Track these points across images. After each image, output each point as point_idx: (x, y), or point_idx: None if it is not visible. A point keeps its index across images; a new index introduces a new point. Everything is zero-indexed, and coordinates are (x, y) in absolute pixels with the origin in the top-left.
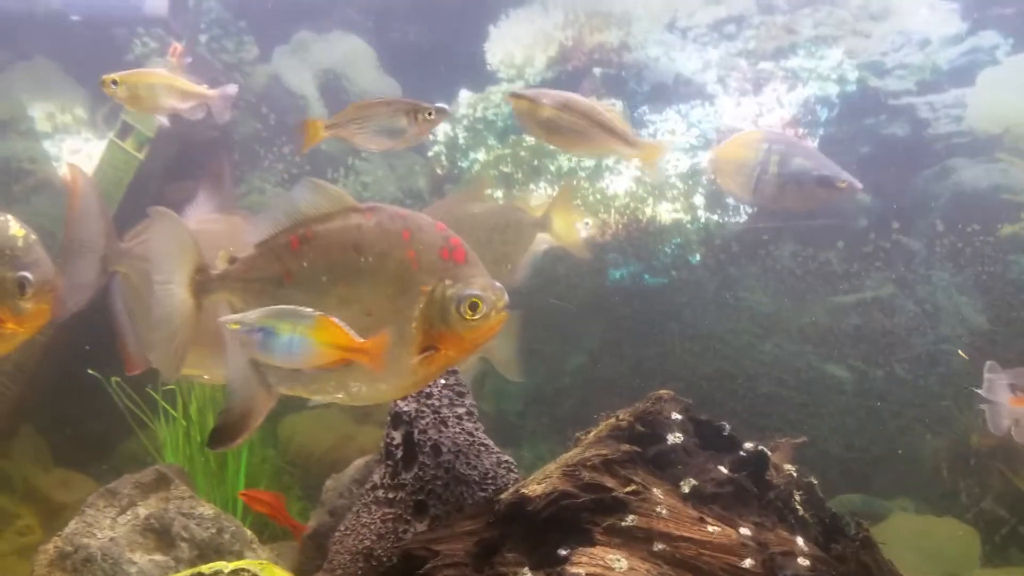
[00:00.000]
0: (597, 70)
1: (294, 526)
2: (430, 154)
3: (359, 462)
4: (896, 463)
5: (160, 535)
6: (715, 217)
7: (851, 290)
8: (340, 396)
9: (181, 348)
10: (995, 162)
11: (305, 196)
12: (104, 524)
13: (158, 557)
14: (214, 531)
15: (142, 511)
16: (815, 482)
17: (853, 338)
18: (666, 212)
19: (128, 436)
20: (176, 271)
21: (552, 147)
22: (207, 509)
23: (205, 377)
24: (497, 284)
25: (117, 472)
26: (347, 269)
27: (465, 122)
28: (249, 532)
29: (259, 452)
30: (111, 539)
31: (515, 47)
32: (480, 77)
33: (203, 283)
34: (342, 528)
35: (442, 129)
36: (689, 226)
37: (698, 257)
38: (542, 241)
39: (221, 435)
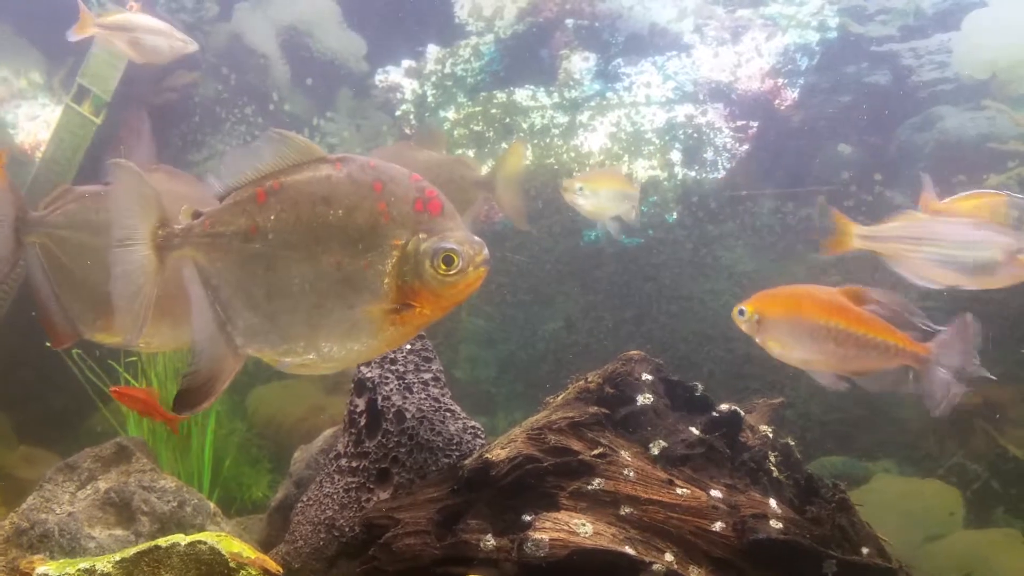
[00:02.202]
0: (569, 21)
1: (168, 419)
2: (398, 113)
3: (327, 432)
4: (878, 424)
5: (120, 509)
6: (692, 174)
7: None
8: (311, 357)
9: (144, 308)
10: (981, 110)
11: (271, 147)
12: (63, 499)
13: (118, 532)
14: (175, 504)
15: (102, 485)
16: (792, 443)
17: None
18: (642, 169)
19: (93, 411)
20: (138, 227)
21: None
22: (169, 482)
23: (141, 347)
24: (476, 238)
25: (82, 447)
26: (316, 222)
27: (434, 78)
28: (212, 505)
29: (226, 424)
30: (69, 514)
31: None
32: (448, 31)
33: (166, 239)
34: (305, 499)
35: (410, 87)
36: (666, 183)
37: (675, 215)
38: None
39: (186, 398)
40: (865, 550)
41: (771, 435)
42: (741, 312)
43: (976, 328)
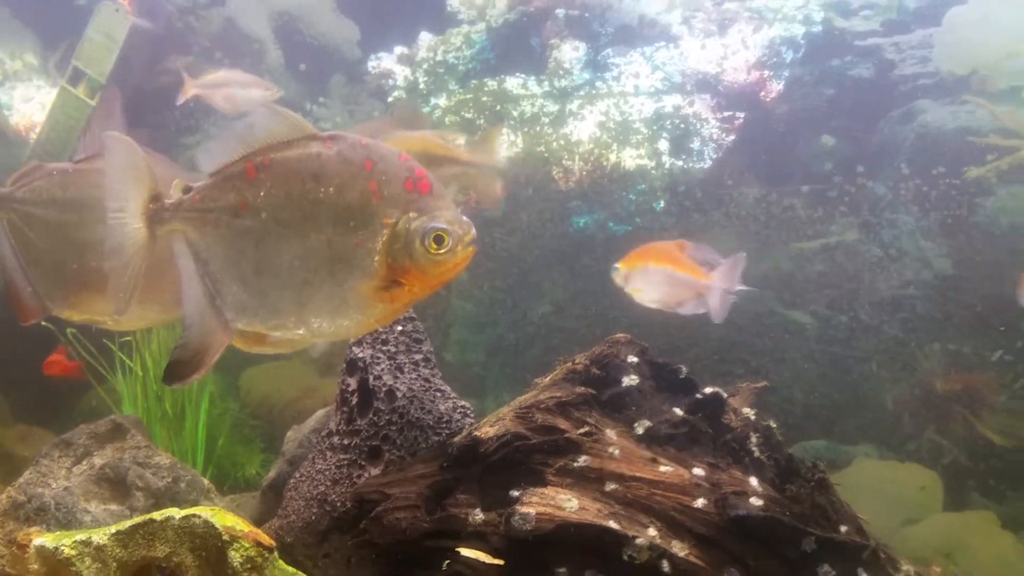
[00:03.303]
0: (560, 11)
1: (69, 369)
2: (390, 99)
3: (320, 412)
4: (859, 409)
5: (115, 484)
6: (679, 163)
7: (815, 235)
8: (301, 332)
9: (133, 280)
10: (961, 104)
11: (262, 123)
12: (59, 474)
13: (113, 506)
14: (170, 480)
15: (97, 461)
16: (773, 425)
17: (817, 284)
18: (630, 158)
19: (89, 389)
20: (130, 200)
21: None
22: (163, 458)
23: (109, 323)
24: (464, 218)
25: (77, 425)
26: (306, 199)
27: (426, 66)
28: (207, 481)
29: (220, 404)
30: (65, 488)
31: None
32: (441, 19)
33: (157, 212)
34: (297, 475)
35: (402, 73)
36: (653, 172)
37: (662, 204)
38: None
39: (176, 370)
40: (844, 528)
41: (753, 417)
42: (615, 268)
43: (743, 262)
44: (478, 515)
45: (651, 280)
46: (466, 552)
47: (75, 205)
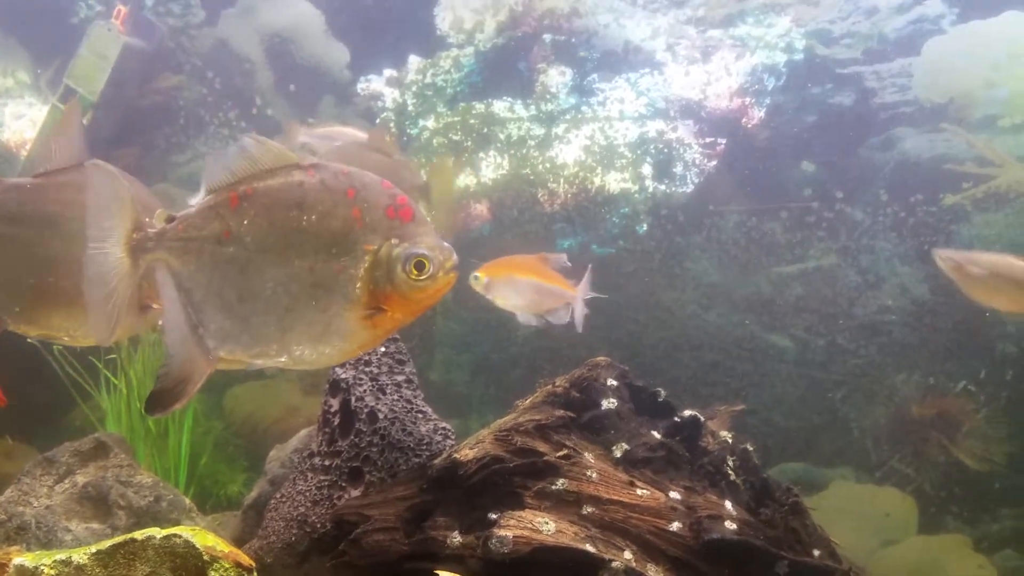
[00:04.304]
0: (547, 36)
1: None
2: (378, 121)
3: (302, 432)
4: (837, 432)
5: (97, 503)
6: (662, 187)
7: (794, 260)
8: (283, 360)
9: (117, 310)
10: (939, 132)
11: (245, 152)
12: (41, 492)
13: (95, 525)
14: (152, 499)
15: (80, 479)
16: (750, 448)
17: (796, 308)
18: (614, 182)
19: (74, 406)
20: (112, 229)
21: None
22: (145, 477)
23: (65, 339)
24: (446, 244)
25: (61, 442)
26: (289, 227)
27: (414, 88)
28: (188, 501)
29: (203, 423)
30: (47, 507)
31: (465, 12)
32: (430, 42)
33: (140, 242)
34: (278, 495)
35: (391, 95)
36: (637, 196)
37: (645, 227)
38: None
39: (158, 400)
40: (817, 552)
41: (731, 440)
42: (475, 277)
43: (592, 277)
44: (456, 538)
45: (518, 289)
46: (444, 575)
47: (32, 221)
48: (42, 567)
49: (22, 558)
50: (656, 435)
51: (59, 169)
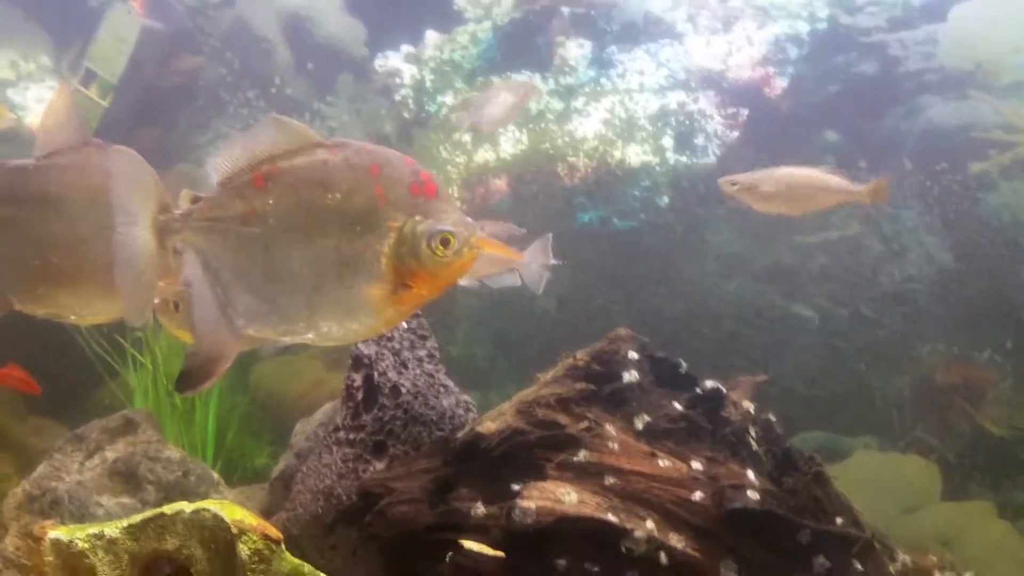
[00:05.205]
0: (566, 9)
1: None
2: (397, 98)
3: (327, 406)
4: (860, 401)
5: (127, 478)
6: (683, 159)
7: (818, 229)
8: (310, 336)
9: (146, 291)
10: (965, 99)
11: (268, 132)
12: (72, 468)
13: (125, 500)
14: (180, 474)
15: (109, 455)
16: (773, 418)
17: (819, 278)
18: (635, 155)
19: (102, 384)
20: (139, 212)
21: None
22: (173, 452)
23: (72, 318)
24: (469, 220)
25: (90, 419)
26: (314, 206)
27: (432, 64)
28: (216, 475)
29: (228, 398)
30: (79, 482)
31: None
32: (447, 18)
33: (166, 224)
34: (304, 468)
35: (409, 72)
36: (658, 168)
37: (666, 200)
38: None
39: (188, 379)
40: (839, 520)
41: (753, 411)
42: None
43: (551, 242)
44: (480, 509)
45: None
46: (468, 544)
47: (36, 202)
48: (76, 540)
49: (57, 531)
50: (678, 406)
51: (61, 151)
